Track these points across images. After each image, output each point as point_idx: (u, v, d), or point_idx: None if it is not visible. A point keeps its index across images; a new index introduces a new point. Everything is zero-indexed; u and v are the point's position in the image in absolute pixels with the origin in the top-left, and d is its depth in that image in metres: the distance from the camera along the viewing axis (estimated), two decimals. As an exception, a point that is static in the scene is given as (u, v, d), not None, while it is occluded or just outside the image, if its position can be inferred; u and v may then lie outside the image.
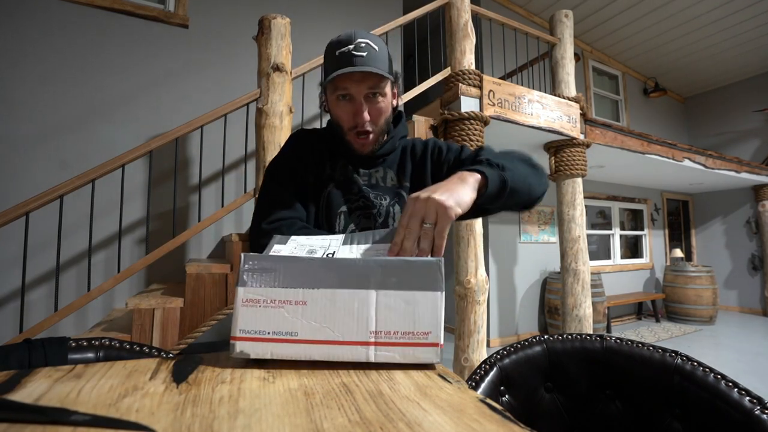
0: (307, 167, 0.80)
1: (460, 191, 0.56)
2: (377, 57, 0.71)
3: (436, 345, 0.44)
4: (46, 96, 2.30)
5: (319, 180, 0.79)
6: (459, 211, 0.54)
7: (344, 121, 0.75)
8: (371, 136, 0.75)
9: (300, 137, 0.85)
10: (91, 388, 0.37)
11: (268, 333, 0.44)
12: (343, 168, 0.80)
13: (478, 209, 0.63)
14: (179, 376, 0.41)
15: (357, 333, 0.44)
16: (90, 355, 0.62)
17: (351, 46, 0.69)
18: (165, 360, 0.47)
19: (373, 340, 0.44)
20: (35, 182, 2.16)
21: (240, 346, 0.44)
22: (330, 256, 0.53)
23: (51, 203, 1.58)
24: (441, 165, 0.82)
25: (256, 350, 0.44)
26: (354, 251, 0.54)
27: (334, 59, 0.71)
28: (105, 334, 1.56)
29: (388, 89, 0.74)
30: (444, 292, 0.45)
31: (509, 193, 0.65)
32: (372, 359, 0.44)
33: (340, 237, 0.59)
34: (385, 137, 0.81)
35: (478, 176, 0.61)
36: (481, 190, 0.61)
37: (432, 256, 0.51)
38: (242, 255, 0.45)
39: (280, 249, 0.54)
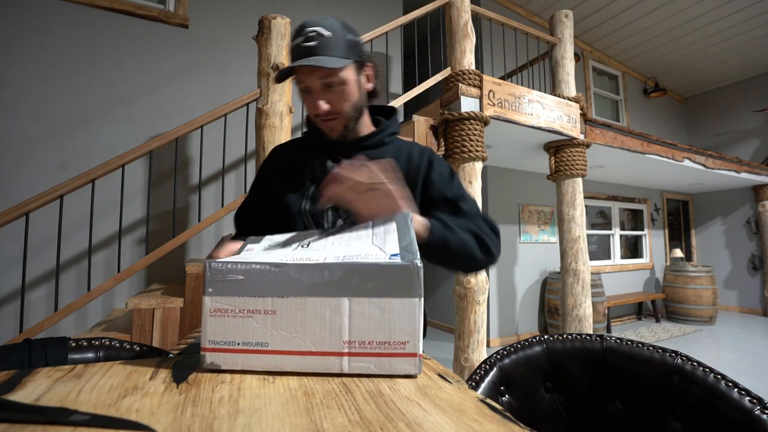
0: (283, 178, 0.83)
1: (406, 203, 0.60)
2: (328, 44, 0.68)
3: (414, 355, 0.42)
4: (46, 96, 2.30)
5: (300, 185, 0.80)
6: (399, 204, 0.59)
7: (309, 110, 0.77)
8: (336, 120, 0.76)
9: (273, 152, 0.90)
10: (91, 388, 0.37)
11: (238, 344, 0.42)
12: (321, 165, 0.80)
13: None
14: (179, 376, 0.41)
15: (330, 343, 0.42)
16: (90, 355, 0.62)
17: (301, 38, 0.69)
18: (165, 360, 0.47)
19: (346, 350, 0.42)
20: (35, 182, 2.16)
21: (210, 358, 0.42)
22: (307, 246, 0.52)
23: (51, 203, 1.58)
24: (421, 178, 0.80)
25: (226, 361, 0.42)
26: (334, 242, 0.52)
27: (291, 52, 0.72)
28: (105, 334, 1.56)
29: (347, 74, 0.71)
30: (422, 299, 0.42)
31: (446, 254, 0.67)
32: (346, 370, 0.42)
33: (317, 231, 0.58)
34: (358, 122, 0.79)
35: (427, 224, 0.65)
36: (423, 235, 0.64)
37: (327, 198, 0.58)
38: (206, 262, 0.43)
39: (253, 248, 0.53)
